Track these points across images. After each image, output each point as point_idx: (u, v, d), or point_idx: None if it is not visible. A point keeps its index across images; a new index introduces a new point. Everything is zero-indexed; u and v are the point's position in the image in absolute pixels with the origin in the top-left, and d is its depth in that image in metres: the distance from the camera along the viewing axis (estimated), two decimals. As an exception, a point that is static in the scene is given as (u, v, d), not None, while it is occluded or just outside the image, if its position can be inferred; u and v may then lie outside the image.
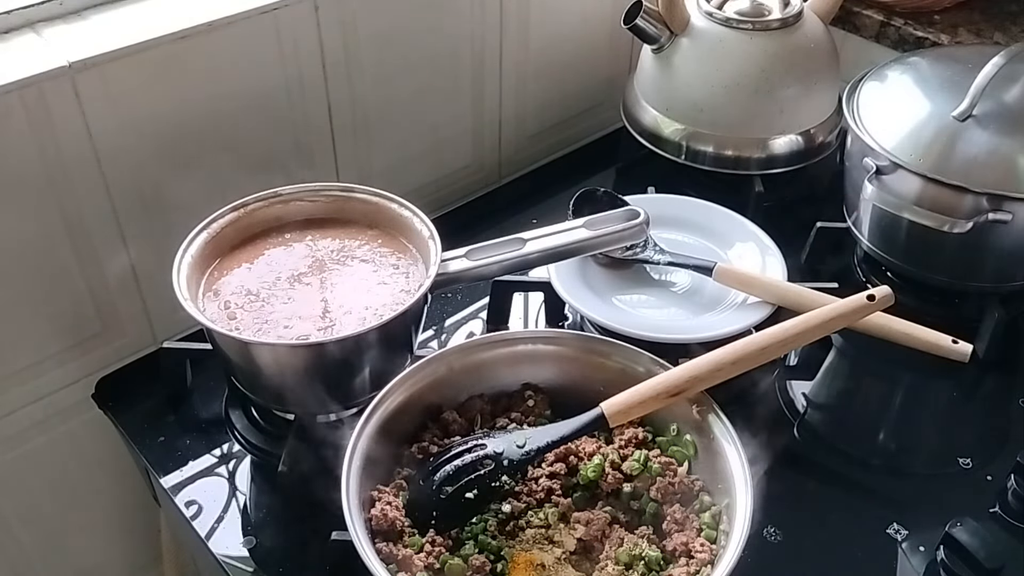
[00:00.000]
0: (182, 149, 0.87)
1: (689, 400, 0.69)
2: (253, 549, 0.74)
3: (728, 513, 0.65)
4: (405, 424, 0.71)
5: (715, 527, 0.65)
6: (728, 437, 0.67)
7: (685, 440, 0.70)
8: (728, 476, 0.65)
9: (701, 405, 0.69)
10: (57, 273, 0.84)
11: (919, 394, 0.91)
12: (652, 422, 0.72)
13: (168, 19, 0.82)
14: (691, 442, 0.70)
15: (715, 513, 0.66)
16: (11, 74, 0.74)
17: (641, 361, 0.73)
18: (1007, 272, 0.91)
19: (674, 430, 0.71)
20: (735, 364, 0.70)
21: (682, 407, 0.70)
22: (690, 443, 0.69)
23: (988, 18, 1.15)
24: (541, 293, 0.92)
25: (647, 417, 0.71)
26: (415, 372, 0.72)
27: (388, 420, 0.69)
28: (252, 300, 0.78)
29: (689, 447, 0.69)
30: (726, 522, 0.65)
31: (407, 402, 0.71)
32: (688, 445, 0.70)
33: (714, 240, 0.96)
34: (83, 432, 0.94)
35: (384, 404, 0.70)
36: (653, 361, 0.72)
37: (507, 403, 0.75)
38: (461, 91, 1.08)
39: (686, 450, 0.70)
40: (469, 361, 0.74)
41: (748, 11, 1.03)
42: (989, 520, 0.75)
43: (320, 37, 0.91)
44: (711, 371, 0.69)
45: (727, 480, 0.65)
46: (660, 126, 1.09)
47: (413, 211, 0.83)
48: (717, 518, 0.66)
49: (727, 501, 0.65)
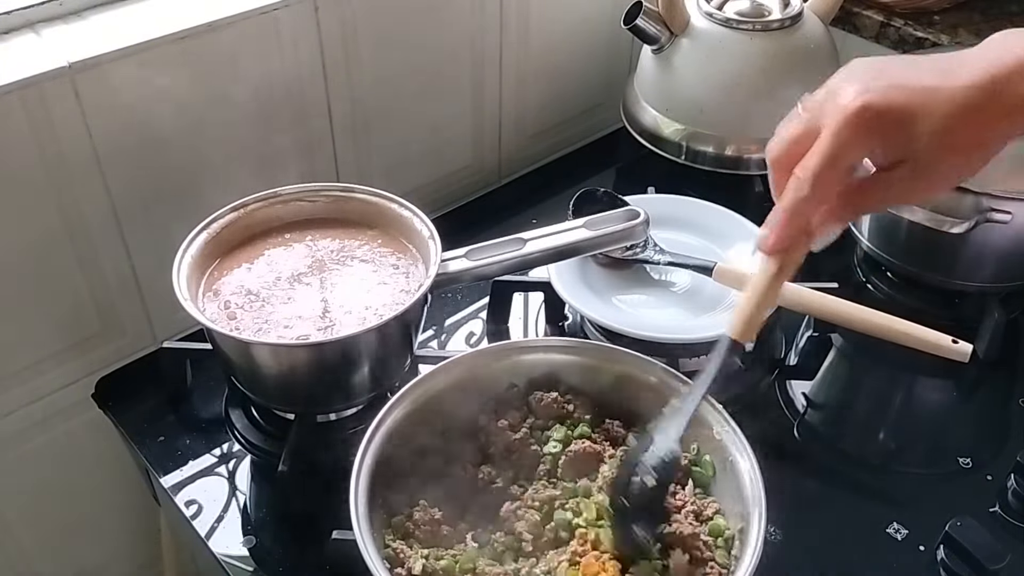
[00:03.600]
0: (182, 149, 0.87)
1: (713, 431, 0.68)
2: (253, 549, 0.74)
3: (741, 538, 0.64)
4: (418, 426, 0.70)
5: (727, 551, 0.64)
6: (746, 458, 0.65)
7: (705, 461, 0.69)
8: (745, 502, 0.64)
9: (723, 428, 0.67)
10: (57, 273, 0.84)
11: (919, 394, 0.91)
12: None
13: (168, 19, 0.82)
14: (710, 463, 0.68)
15: (728, 538, 0.65)
16: (11, 74, 0.74)
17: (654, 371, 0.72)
18: (1007, 272, 0.91)
19: (694, 450, 0.69)
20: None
21: (702, 430, 0.68)
22: (709, 463, 0.68)
23: (988, 18, 1.15)
24: (541, 293, 0.92)
25: None
26: (436, 374, 0.71)
27: (401, 422, 0.68)
28: (252, 300, 0.78)
29: (708, 468, 0.68)
30: (738, 547, 0.64)
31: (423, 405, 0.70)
32: (708, 466, 0.68)
33: (714, 240, 0.96)
34: (83, 432, 0.94)
35: (399, 407, 0.69)
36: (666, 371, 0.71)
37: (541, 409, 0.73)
38: (461, 91, 1.08)
39: (706, 471, 0.68)
40: (498, 366, 0.73)
41: (748, 11, 1.03)
42: (989, 520, 0.75)
43: (320, 37, 0.91)
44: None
45: (744, 505, 0.64)
46: (660, 126, 1.09)
47: (413, 211, 0.83)
48: (730, 543, 0.64)
49: (741, 526, 0.64)
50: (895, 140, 0.52)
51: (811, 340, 0.93)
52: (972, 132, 0.52)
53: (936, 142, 0.51)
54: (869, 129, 0.51)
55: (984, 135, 0.53)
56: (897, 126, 0.51)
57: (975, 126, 0.52)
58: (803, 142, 0.53)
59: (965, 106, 0.51)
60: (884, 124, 0.51)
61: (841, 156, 0.51)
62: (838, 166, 0.52)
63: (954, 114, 0.51)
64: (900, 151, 0.52)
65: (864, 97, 0.50)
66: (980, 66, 0.52)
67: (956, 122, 0.51)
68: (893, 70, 0.53)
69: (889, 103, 0.50)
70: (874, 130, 0.51)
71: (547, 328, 0.93)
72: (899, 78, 0.52)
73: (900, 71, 0.52)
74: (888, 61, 0.55)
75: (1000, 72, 0.51)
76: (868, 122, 0.51)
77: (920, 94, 0.51)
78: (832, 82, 0.54)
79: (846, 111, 0.51)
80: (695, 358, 0.85)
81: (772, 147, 0.55)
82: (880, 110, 0.50)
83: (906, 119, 0.51)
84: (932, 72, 0.52)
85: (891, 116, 0.51)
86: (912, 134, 0.51)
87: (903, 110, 0.51)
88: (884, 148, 0.52)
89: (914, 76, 0.52)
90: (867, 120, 0.51)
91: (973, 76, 0.52)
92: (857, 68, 0.54)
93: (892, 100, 0.50)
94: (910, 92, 0.51)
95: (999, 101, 0.51)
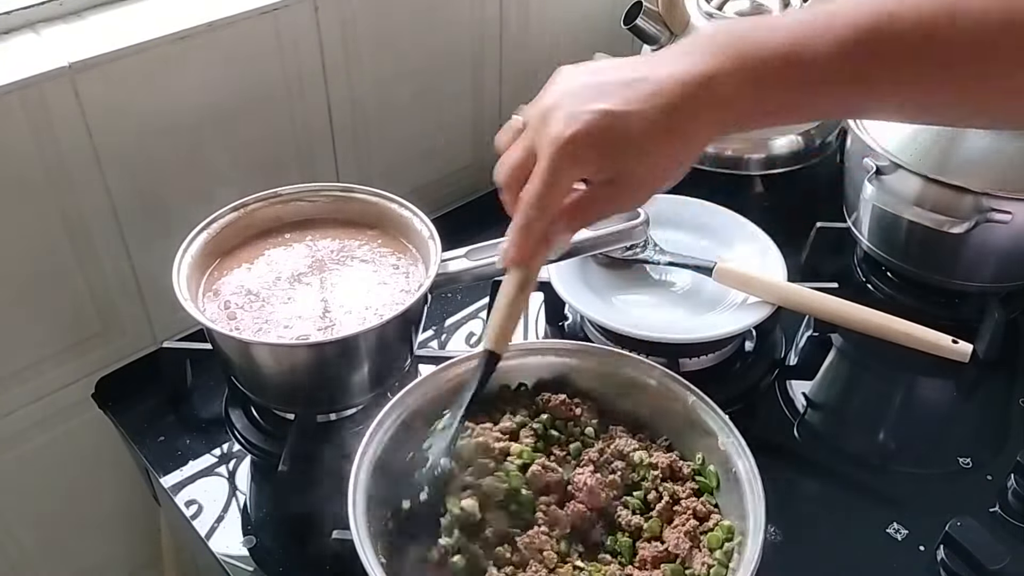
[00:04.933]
0: (182, 149, 0.87)
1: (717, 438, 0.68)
2: (253, 549, 0.74)
3: (739, 550, 0.63)
4: (420, 427, 0.69)
5: (725, 564, 0.64)
6: (745, 461, 0.65)
7: (709, 471, 0.69)
8: (745, 504, 0.64)
9: (727, 439, 0.67)
10: (57, 273, 0.84)
11: (919, 394, 0.91)
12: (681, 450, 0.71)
13: (168, 19, 0.82)
14: (714, 473, 0.68)
15: (728, 551, 0.64)
16: (11, 74, 0.74)
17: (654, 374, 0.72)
18: (1007, 272, 0.91)
19: (700, 459, 0.69)
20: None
21: (707, 439, 0.68)
22: (713, 474, 0.68)
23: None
24: (541, 293, 0.92)
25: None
26: (437, 374, 0.71)
27: (406, 421, 0.68)
28: (252, 300, 0.78)
29: (712, 478, 0.68)
30: (736, 559, 0.63)
31: (425, 405, 0.70)
32: (711, 476, 0.68)
33: (714, 240, 0.96)
34: (83, 432, 0.94)
35: (402, 405, 0.68)
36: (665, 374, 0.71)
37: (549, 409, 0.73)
38: (461, 91, 1.08)
39: (709, 481, 0.68)
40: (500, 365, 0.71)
41: (748, 12, 1.04)
42: (989, 520, 0.75)
43: (320, 37, 0.91)
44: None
45: (744, 518, 0.64)
46: (660, 126, 1.08)
47: (413, 211, 0.83)
48: (729, 555, 0.64)
49: (740, 539, 0.64)
50: (604, 162, 0.56)
51: (811, 340, 0.93)
52: (670, 144, 0.56)
53: (639, 159, 0.55)
54: (579, 156, 0.55)
55: (682, 143, 0.56)
56: (602, 151, 0.55)
57: (671, 138, 0.55)
58: (525, 166, 0.57)
59: (657, 123, 0.54)
60: (591, 151, 0.55)
61: (557, 182, 0.55)
62: (557, 188, 0.56)
63: (650, 131, 0.54)
64: (610, 170, 0.56)
65: (571, 129, 0.54)
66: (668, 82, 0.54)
67: (654, 139, 0.55)
68: (591, 91, 0.56)
69: (592, 132, 0.54)
70: (583, 156, 0.55)
71: (547, 328, 0.93)
72: (597, 101, 0.55)
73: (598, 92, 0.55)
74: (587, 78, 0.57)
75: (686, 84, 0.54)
76: (577, 150, 0.54)
77: (618, 118, 0.54)
78: (544, 102, 0.57)
79: (557, 142, 0.54)
80: (695, 358, 0.86)
81: (498, 171, 0.60)
82: (586, 140, 0.54)
83: (610, 144, 0.55)
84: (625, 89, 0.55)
85: (596, 144, 0.54)
86: (618, 155, 0.55)
87: (604, 136, 0.54)
88: (596, 169, 0.56)
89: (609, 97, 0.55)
90: (576, 149, 0.54)
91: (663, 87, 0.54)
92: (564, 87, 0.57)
93: (594, 128, 0.54)
94: (609, 117, 0.54)
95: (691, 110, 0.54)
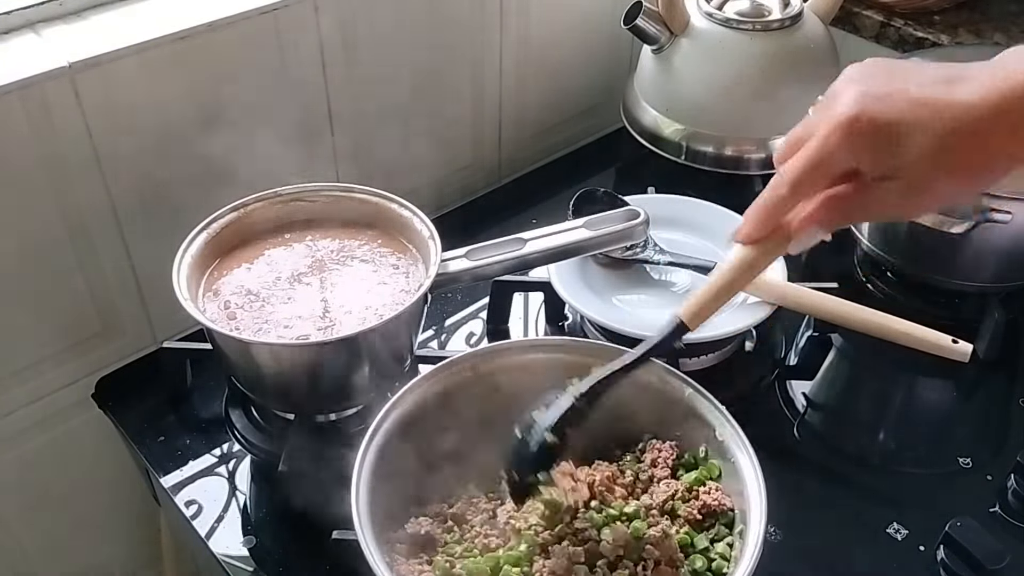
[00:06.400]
0: (182, 149, 0.86)
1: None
2: (253, 549, 0.74)
3: (741, 538, 0.64)
4: (423, 424, 0.69)
5: (727, 556, 0.64)
6: (747, 456, 0.65)
7: (711, 464, 0.69)
8: (745, 501, 0.64)
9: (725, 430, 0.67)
10: (57, 273, 0.84)
11: (919, 394, 0.91)
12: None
13: (168, 19, 0.82)
14: (716, 465, 0.69)
15: (729, 542, 0.65)
16: (11, 74, 0.74)
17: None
18: (1007, 272, 0.91)
19: (703, 452, 0.69)
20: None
21: (705, 430, 0.68)
22: (715, 466, 0.69)
23: (988, 18, 1.15)
24: (541, 293, 0.92)
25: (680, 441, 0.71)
26: (438, 371, 0.71)
27: (406, 417, 0.68)
28: (252, 300, 0.78)
29: (713, 470, 0.69)
30: (738, 547, 0.64)
31: (427, 401, 0.70)
32: (713, 468, 0.69)
33: (714, 240, 0.96)
34: (83, 432, 0.94)
35: (403, 401, 0.68)
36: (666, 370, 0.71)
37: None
38: (461, 91, 1.08)
39: (710, 473, 0.68)
40: (495, 364, 0.72)
41: (748, 11, 1.04)
42: (989, 520, 0.75)
43: (320, 37, 0.91)
44: None
45: (744, 509, 0.64)
46: (660, 126, 1.09)
47: (413, 211, 0.83)
48: (731, 546, 0.65)
49: (741, 528, 0.64)
50: (885, 153, 0.50)
51: (811, 340, 0.93)
52: (971, 153, 0.49)
53: (929, 161, 0.49)
54: (858, 139, 0.49)
55: (986, 157, 0.49)
56: (888, 139, 0.49)
57: (975, 147, 0.49)
58: (800, 141, 0.53)
59: (966, 124, 0.48)
60: (875, 136, 0.49)
61: (824, 162, 0.50)
62: (820, 170, 0.51)
63: (953, 132, 0.48)
64: (889, 165, 0.50)
65: (859, 105, 0.49)
66: (990, 82, 0.48)
67: (954, 141, 0.48)
68: (897, 76, 0.50)
69: (883, 114, 0.48)
70: (863, 140, 0.49)
71: (547, 328, 0.93)
72: (901, 86, 0.49)
73: (904, 78, 0.50)
74: (895, 65, 0.52)
75: (1013, 89, 0.48)
76: (858, 132, 0.49)
77: (919, 107, 0.48)
78: (837, 83, 0.53)
79: (838, 118, 0.49)
80: (695, 358, 0.86)
81: (778, 147, 0.56)
82: (872, 121, 0.49)
83: (899, 133, 0.49)
84: (937, 82, 0.49)
85: (883, 128, 0.49)
86: (903, 149, 0.49)
87: (897, 123, 0.48)
88: (873, 159, 0.50)
89: (917, 85, 0.49)
90: (857, 130, 0.49)
91: (981, 91, 0.48)
92: (863, 70, 0.52)
93: (886, 111, 0.48)
94: (908, 103, 0.48)
95: (1007, 120, 0.48)
